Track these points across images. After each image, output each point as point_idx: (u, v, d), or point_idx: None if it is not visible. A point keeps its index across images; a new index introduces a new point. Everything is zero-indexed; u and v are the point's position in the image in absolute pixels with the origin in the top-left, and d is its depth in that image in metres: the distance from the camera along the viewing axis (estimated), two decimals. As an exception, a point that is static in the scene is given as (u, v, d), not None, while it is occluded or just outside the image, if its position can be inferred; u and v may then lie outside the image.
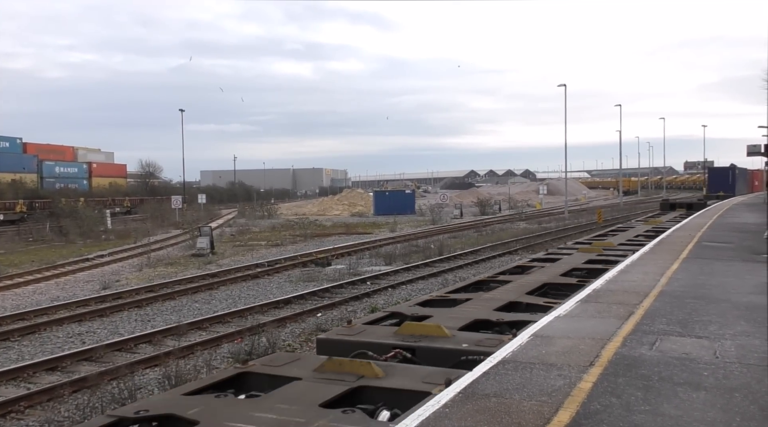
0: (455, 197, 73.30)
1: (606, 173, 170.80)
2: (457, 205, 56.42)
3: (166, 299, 16.98)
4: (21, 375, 10.35)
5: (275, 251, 28.58)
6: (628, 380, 5.24)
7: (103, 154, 73.74)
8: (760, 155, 34.91)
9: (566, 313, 7.93)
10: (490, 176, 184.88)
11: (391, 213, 51.27)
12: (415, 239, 31.98)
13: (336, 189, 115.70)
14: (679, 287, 9.70)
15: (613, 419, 4.41)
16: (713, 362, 5.78)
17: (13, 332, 13.32)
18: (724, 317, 7.63)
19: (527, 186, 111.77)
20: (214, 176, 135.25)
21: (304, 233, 36.49)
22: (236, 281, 19.77)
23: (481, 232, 36.34)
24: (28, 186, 51.26)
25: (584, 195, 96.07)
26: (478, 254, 24.83)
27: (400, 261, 23.26)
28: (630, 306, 8.21)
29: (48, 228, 38.54)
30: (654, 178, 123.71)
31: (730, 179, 56.75)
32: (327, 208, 63.71)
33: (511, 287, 10.75)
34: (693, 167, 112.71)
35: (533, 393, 4.96)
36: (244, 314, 14.61)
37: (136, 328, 13.89)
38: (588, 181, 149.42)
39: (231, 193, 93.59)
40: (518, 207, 62.37)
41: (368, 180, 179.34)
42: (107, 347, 11.78)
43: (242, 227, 43.70)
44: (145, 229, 38.69)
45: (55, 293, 18.84)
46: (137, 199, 62.58)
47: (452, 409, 4.63)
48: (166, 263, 24.73)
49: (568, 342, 6.46)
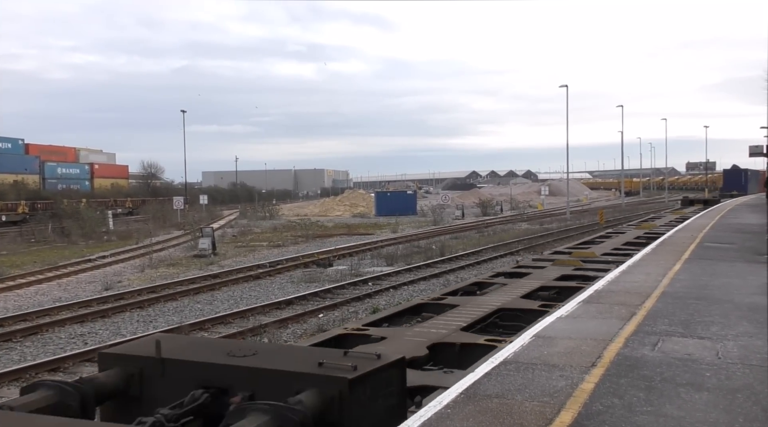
0: (457, 198, 73.29)
1: (608, 174, 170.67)
2: (458, 206, 56.37)
3: (168, 300, 16.98)
4: (23, 376, 10.35)
5: (277, 251, 28.59)
6: (630, 381, 5.23)
7: (105, 155, 73.78)
8: (762, 156, 34.84)
9: (568, 314, 7.93)
10: (491, 177, 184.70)
11: (393, 214, 51.26)
12: (416, 239, 31.97)
13: (338, 190, 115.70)
14: (681, 287, 9.70)
15: (615, 420, 4.41)
16: (715, 363, 5.77)
17: (16, 332, 13.34)
18: (727, 317, 7.62)
19: (529, 187, 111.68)
20: (215, 177, 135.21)
21: (306, 233, 36.50)
22: (238, 282, 19.77)
23: (482, 233, 36.32)
24: (30, 187, 51.28)
25: (586, 196, 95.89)
26: (479, 255, 24.83)
27: (401, 262, 23.26)
28: (632, 307, 8.21)
29: (50, 229, 38.57)
30: (656, 179, 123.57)
31: (743, 180, 63.22)
32: (328, 209, 63.73)
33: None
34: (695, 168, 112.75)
35: (535, 394, 4.95)
36: (245, 315, 14.61)
37: (138, 329, 13.90)
38: (590, 182, 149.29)
39: (233, 194, 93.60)
40: (520, 208, 62.35)
41: (370, 181, 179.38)
42: (109, 347, 11.78)
43: (244, 227, 43.73)
44: (146, 230, 38.68)
45: (57, 293, 18.85)
46: (139, 200, 62.60)
47: (454, 410, 4.63)
48: (168, 264, 24.74)
49: (570, 343, 6.46)
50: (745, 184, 62.29)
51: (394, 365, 4.63)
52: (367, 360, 4.53)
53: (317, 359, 4.45)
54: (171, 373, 4.62)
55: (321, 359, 4.46)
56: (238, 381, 4.40)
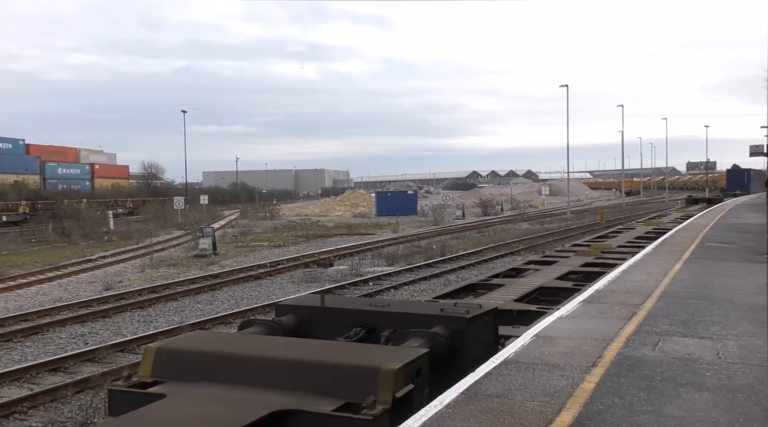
0: (457, 198, 73.28)
1: (608, 174, 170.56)
2: (459, 205, 56.36)
3: (169, 300, 17.00)
4: (24, 376, 10.37)
5: (277, 251, 28.59)
6: (630, 381, 5.23)
7: (106, 155, 73.89)
8: (763, 156, 34.87)
9: (569, 313, 7.92)
10: (492, 177, 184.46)
11: (394, 214, 51.28)
12: (417, 239, 31.98)
13: (338, 190, 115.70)
14: (681, 287, 9.69)
15: (615, 420, 4.41)
16: (716, 363, 5.77)
17: (16, 332, 13.35)
18: (727, 317, 7.61)
19: (529, 187, 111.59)
20: (216, 177, 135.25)
21: (307, 233, 36.52)
22: (239, 282, 19.78)
23: (483, 233, 36.33)
24: (30, 187, 51.34)
25: (586, 196, 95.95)
26: (480, 255, 24.83)
27: (402, 262, 23.26)
28: (632, 307, 8.21)
29: (50, 229, 38.59)
30: (656, 178, 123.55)
31: (746, 180, 65.22)
32: (329, 209, 63.72)
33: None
34: (695, 168, 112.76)
35: (536, 394, 4.96)
36: (246, 315, 14.60)
37: (138, 329, 13.91)
38: (590, 182, 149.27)
39: (233, 194, 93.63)
40: (520, 208, 62.37)
41: (370, 181, 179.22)
42: (110, 347, 11.80)
43: (244, 227, 43.77)
44: (147, 230, 38.70)
45: (58, 293, 18.86)
46: (139, 201, 62.65)
47: (455, 409, 4.63)
48: (169, 264, 24.75)
49: (570, 343, 6.46)
50: (749, 184, 64.08)
51: (490, 312, 6.68)
52: (474, 308, 6.46)
53: (437, 308, 6.43)
54: (331, 317, 6.49)
55: (440, 307, 6.42)
56: (382, 322, 6.21)
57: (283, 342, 5.78)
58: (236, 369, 5.03)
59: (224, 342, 5.69)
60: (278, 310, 6.85)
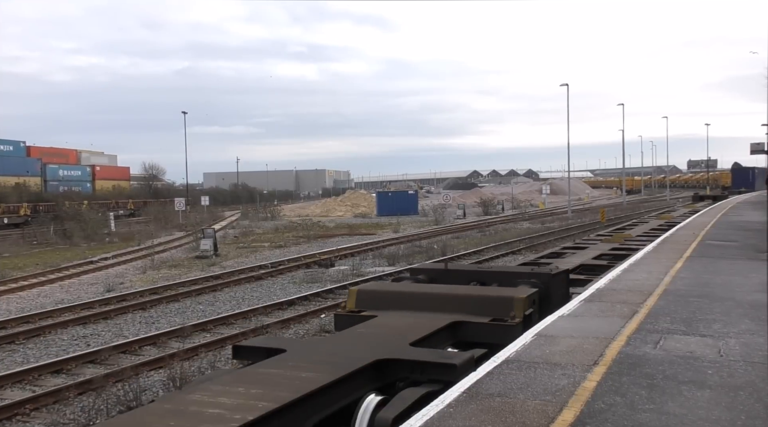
0: (458, 198, 73.24)
1: (609, 172, 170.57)
2: (460, 205, 56.32)
3: (170, 301, 17.00)
4: (26, 378, 10.37)
5: (278, 252, 28.60)
6: (632, 379, 5.24)
7: (107, 157, 73.90)
8: (763, 153, 34.85)
9: (570, 312, 7.92)
10: (492, 176, 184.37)
11: (394, 214, 51.26)
12: (418, 239, 31.97)
13: (339, 190, 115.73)
14: (683, 285, 9.69)
15: (617, 418, 4.41)
16: (718, 361, 5.77)
17: (18, 334, 13.35)
18: (729, 315, 7.61)
19: (530, 186, 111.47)
20: (217, 178, 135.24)
21: (308, 234, 36.50)
22: (240, 283, 19.78)
23: (484, 232, 36.32)
24: (31, 189, 51.39)
25: (587, 194, 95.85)
26: (481, 254, 24.81)
27: (403, 262, 23.24)
28: (634, 305, 8.21)
29: (52, 231, 38.62)
30: (657, 177, 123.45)
31: (750, 178, 68.59)
32: (330, 210, 63.71)
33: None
34: (696, 166, 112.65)
35: (537, 392, 4.96)
36: (248, 316, 14.62)
37: (140, 330, 13.91)
38: (591, 181, 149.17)
39: (234, 195, 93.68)
40: (521, 207, 62.36)
41: (371, 181, 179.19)
42: (112, 349, 11.79)
43: (245, 228, 43.76)
44: (148, 231, 38.74)
45: (60, 295, 18.88)
46: (140, 202, 62.68)
47: (456, 409, 4.64)
48: (170, 265, 24.76)
49: (572, 341, 6.46)
50: (753, 182, 66.99)
51: (565, 272, 9.86)
52: (554, 268, 9.68)
53: (528, 268, 9.81)
54: (453, 276, 9.66)
55: (530, 268, 9.79)
56: (489, 278, 9.35)
57: (436, 286, 8.96)
58: (415, 301, 7.97)
59: (401, 286, 9.10)
60: (412, 272, 10.27)
